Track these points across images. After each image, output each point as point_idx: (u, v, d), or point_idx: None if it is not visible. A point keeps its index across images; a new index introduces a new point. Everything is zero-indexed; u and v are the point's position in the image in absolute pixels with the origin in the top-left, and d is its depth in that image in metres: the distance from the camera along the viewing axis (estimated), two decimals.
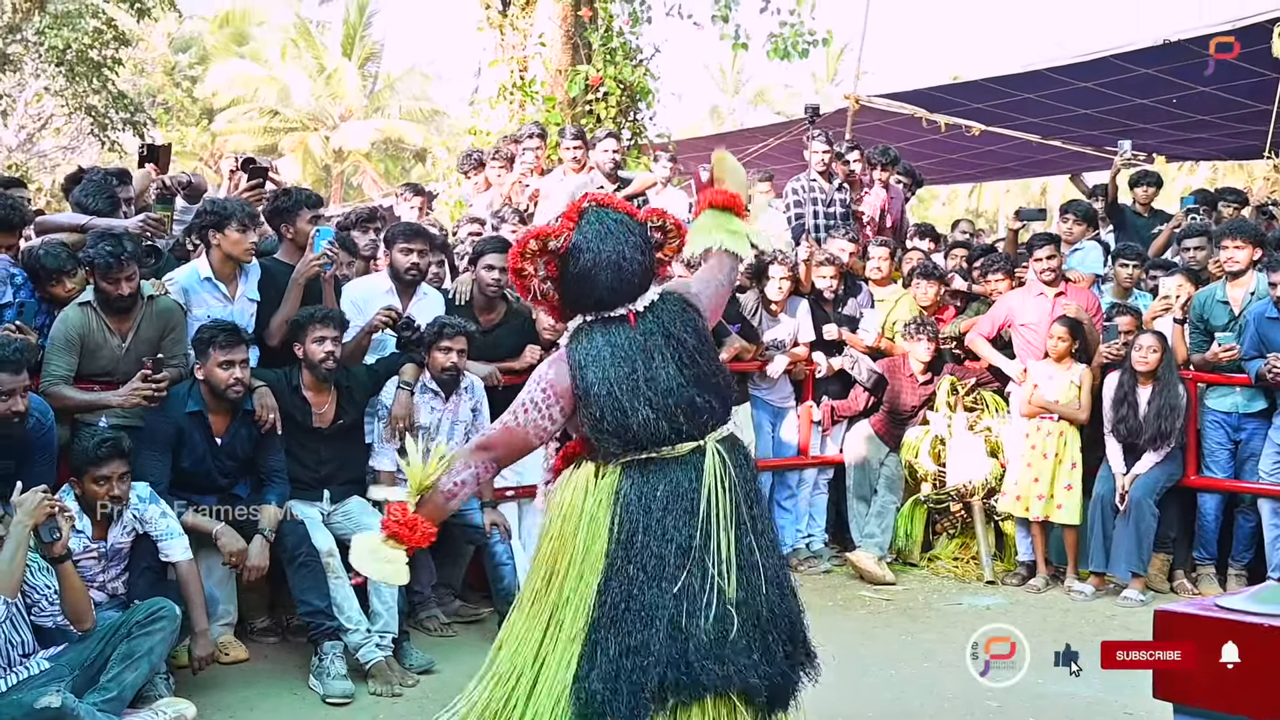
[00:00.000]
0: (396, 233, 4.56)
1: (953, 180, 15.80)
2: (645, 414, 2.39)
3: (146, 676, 3.26)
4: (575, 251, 2.46)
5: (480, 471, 2.54)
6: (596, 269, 2.44)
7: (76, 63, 12.32)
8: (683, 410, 2.43)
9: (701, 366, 2.46)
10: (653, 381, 2.41)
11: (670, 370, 2.43)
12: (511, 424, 2.50)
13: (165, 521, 3.53)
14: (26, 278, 3.92)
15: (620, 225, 2.49)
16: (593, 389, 2.41)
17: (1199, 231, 5.98)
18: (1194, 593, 5.12)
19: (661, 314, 2.49)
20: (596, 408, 2.41)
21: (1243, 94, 8.47)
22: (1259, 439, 5.09)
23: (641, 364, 2.42)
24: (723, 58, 28.34)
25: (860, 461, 5.69)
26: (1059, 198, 18.97)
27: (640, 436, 2.41)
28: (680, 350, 2.45)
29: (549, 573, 2.49)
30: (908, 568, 5.63)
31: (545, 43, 8.12)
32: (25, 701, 2.93)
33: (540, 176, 6.58)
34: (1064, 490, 5.22)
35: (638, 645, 2.31)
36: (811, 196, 6.63)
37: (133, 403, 3.67)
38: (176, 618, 3.34)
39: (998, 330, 5.70)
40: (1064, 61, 8.40)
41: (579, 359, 2.45)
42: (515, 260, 2.50)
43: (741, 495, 2.46)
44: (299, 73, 24.40)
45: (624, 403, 2.40)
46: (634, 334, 2.45)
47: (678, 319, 2.49)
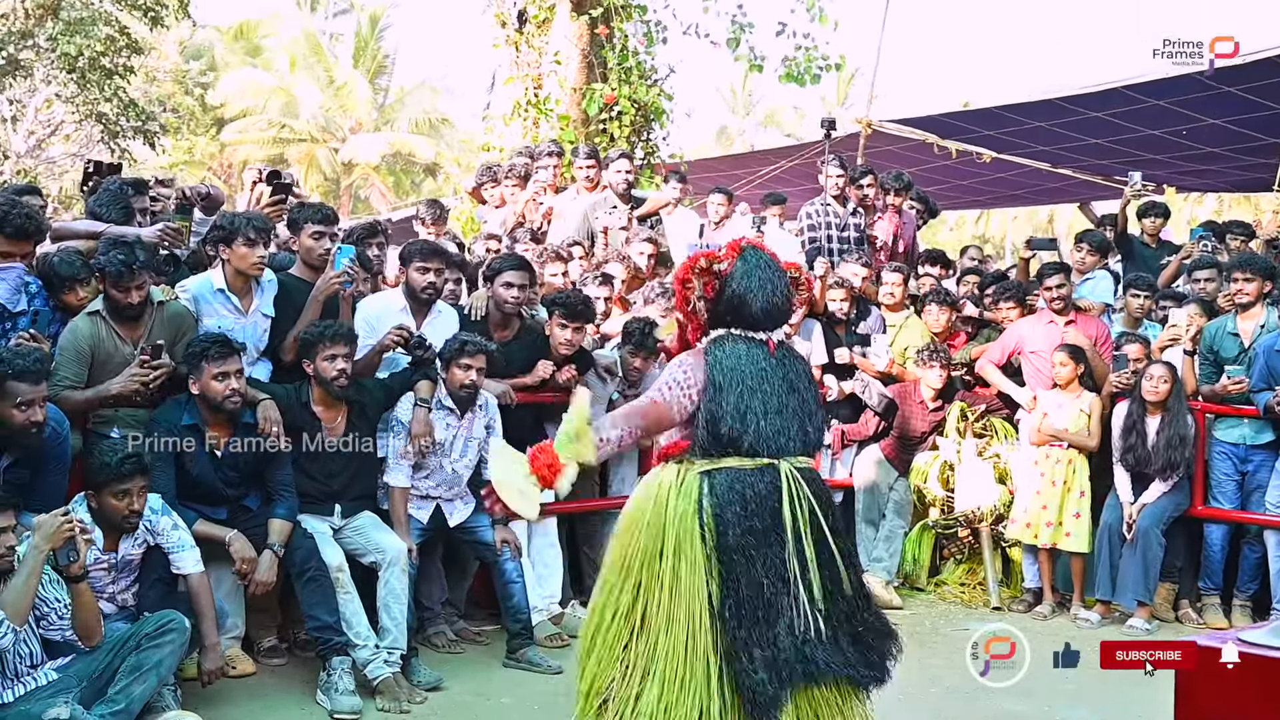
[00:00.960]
0: (414, 251, 4.55)
1: (962, 206, 15.87)
2: (760, 425, 2.64)
3: (154, 689, 3.25)
4: (735, 276, 2.73)
5: (626, 435, 2.71)
6: (752, 294, 2.72)
7: (88, 70, 12.37)
8: (786, 434, 2.68)
9: (810, 405, 2.76)
10: (774, 400, 2.66)
11: (789, 397, 2.69)
12: (659, 399, 2.71)
13: (177, 534, 3.52)
14: (41, 286, 3.91)
15: (773, 264, 2.79)
16: (725, 386, 2.65)
17: (1209, 264, 6.01)
18: (1199, 623, 5.11)
19: (789, 351, 2.82)
20: (721, 404, 2.64)
21: (1252, 127, 8.52)
22: (1266, 471, 5.10)
23: (771, 382, 2.68)
24: (734, 78, 28.55)
25: (869, 485, 5.69)
26: (1067, 226, 19.04)
27: (744, 443, 2.64)
28: (800, 382, 2.74)
29: (626, 558, 2.70)
30: (915, 592, 5.62)
31: (561, 60, 8.18)
32: (33, 713, 2.93)
33: (554, 194, 6.62)
34: (1073, 518, 5.22)
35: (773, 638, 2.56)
36: (826, 220, 6.66)
37: (131, 389, 3.64)
38: (186, 631, 3.34)
39: (1008, 357, 5.72)
40: (1075, 91, 8.45)
41: (718, 357, 2.70)
42: (685, 273, 2.78)
43: (818, 507, 2.67)
44: (309, 84, 24.55)
45: (747, 408, 2.63)
46: (770, 357, 2.72)
47: (800, 359, 2.83)
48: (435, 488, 4.30)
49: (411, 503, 4.22)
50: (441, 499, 4.32)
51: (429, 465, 4.25)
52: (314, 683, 3.80)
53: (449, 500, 4.33)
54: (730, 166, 11.31)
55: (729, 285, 2.73)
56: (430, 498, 4.30)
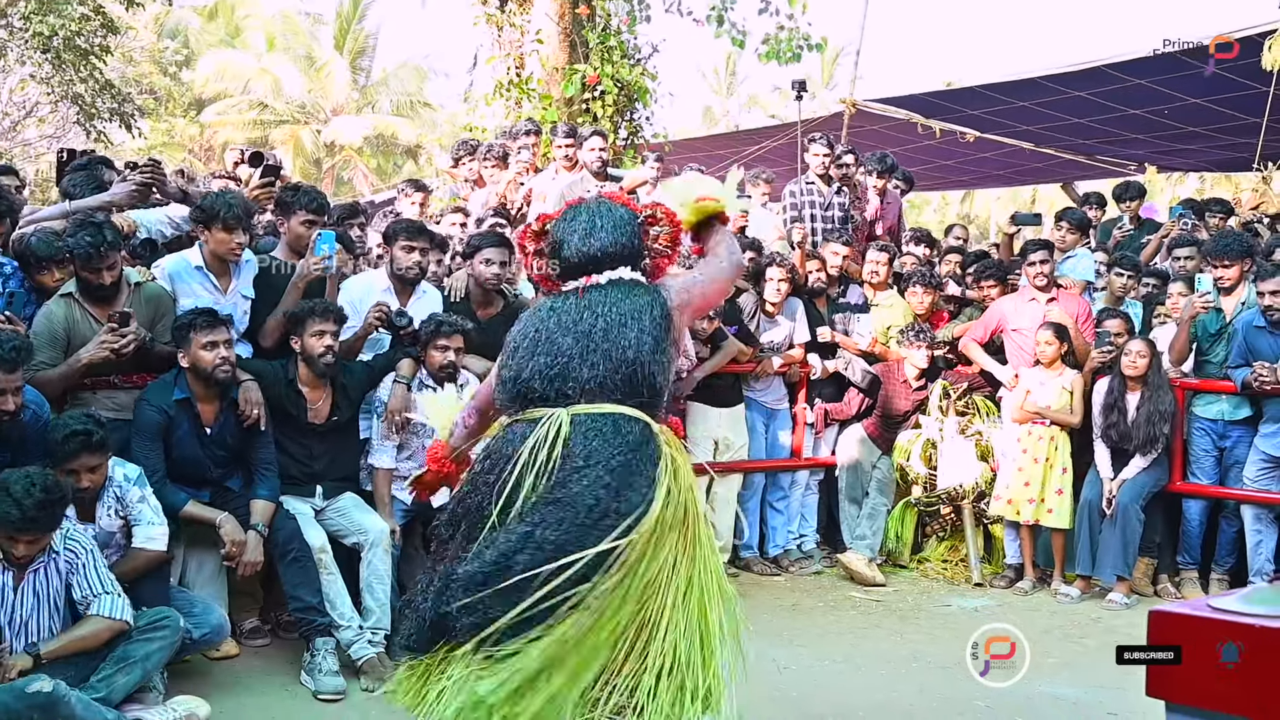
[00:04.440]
0: (398, 230, 4.51)
1: (946, 187, 15.91)
2: (530, 378, 2.48)
3: (138, 683, 3.23)
4: (554, 229, 2.65)
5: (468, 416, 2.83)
6: (566, 239, 2.62)
7: (63, 50, 12.17)
8: (563, 380, 2.47)
9: (611, 344, 2.46)
10: (552, 346, 2.49)
11: (571, 340, 2.48)
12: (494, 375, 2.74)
13: (142, 506, 3.48)
14: (16, 267, 3.87)
15: (601, 205, 2.66)
16: (514, 348, 2.56)
17: (1190, 242, 6.05)
18: (1177, 596, 5.19)
19: (611, 291, 2.55)
20: (507, 366, 2.57)
21: (1233, 106, 8.55)
22: (1244, 446, 5.15)
23: (556, 329, 2.50)
24: (717, 59, 28.45)
25: (852, 464, 5.72)
26: (1050, 205, 19.09)
27: (520, 393, 2.51)
28: (596, 323, 2.49)
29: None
30: (897, 569, 5.67)
31: (543, 40, 8.11)
32: (16, 686, 2.91)
33: (534, 174, 6.58)
34: (1054, 495, 5.27)
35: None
36: (810, 200, 6.65)
37: (100, 356, 3.59)
38: (179, 629, 3.33)
39: (990, 335, 5.75)
40: (1058, 70, 8.46)
41: (521, 320, 2.63)
42: (521, 239, 2.72)
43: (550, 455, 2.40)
44: (290, 65, 24.28)
45: (521, 359, 2.52)
46: (572, 302, 2.55)
47: (624, 300, 2.53)
48: (419, 468, 4.28)
49: (394, 484, 4.21)
50: None
51: (411, 446, 4.24)
52: (298, 664, 3.80)
53: None
54: (714, 146, 11.29)
55: (552, 238, 2.65)
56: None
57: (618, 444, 2.39)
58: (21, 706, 2.86)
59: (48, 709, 2.89)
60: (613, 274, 2.58)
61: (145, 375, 3.87)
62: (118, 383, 3.83)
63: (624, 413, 2.44)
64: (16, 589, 3.11)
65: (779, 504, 5.72)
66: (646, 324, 2.50)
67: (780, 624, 4.67)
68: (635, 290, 2.56)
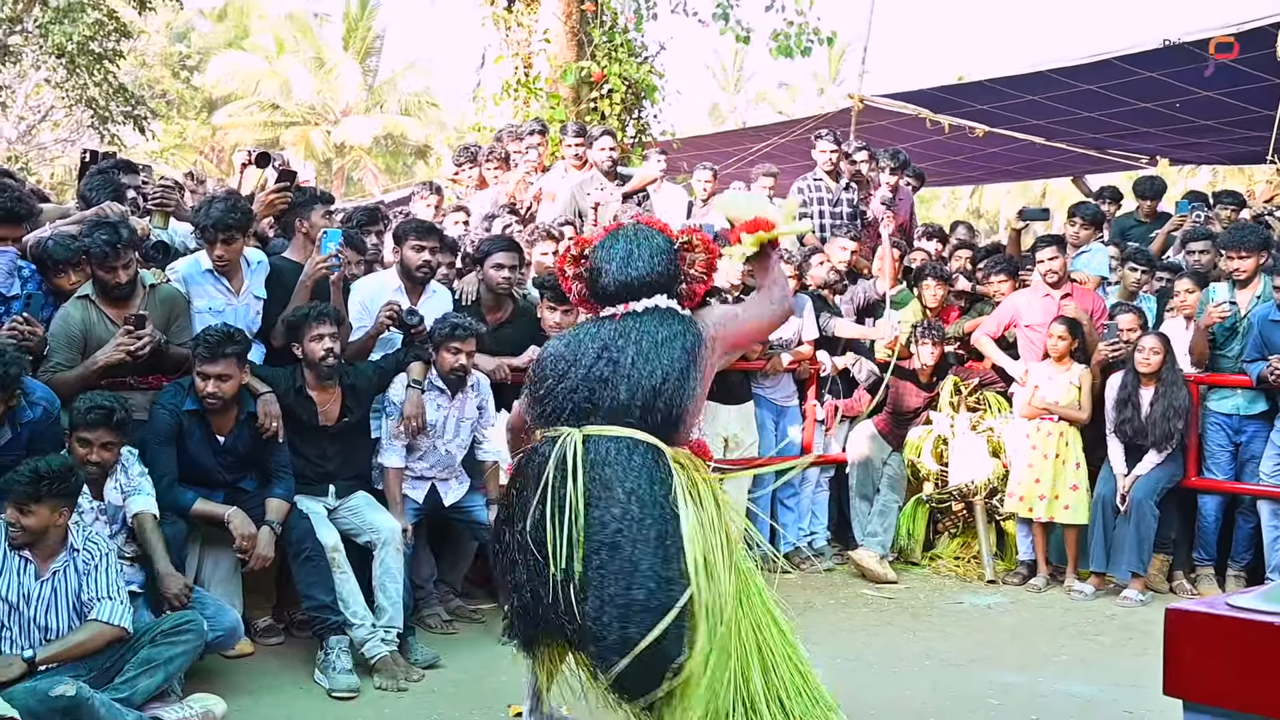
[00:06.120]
0: (408, 229, 4.52)
1: (956, 182, 15.82)
2: (557, 399, 2.61)
3: (161, 685, 3.24)
4: (593, 255, 2.74)
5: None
6: (604, 266, 2.70)
7: (77, 55, 12.27)
8: (589, 402, 2.59)
9: (638, 371, 2.57)
10: (583, 370, 2.60)
11: (603, 365, 2.59)
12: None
13: (142, 479, 3.55)
14: (34, 270, 3.91)
15: (639, 232, 2.73)
16: (541, 363, 2.70)
17: (1203, 235, 6.00)
18: (1193, 593, 5.15)
19: (646, 319, 2.64)
20: (536, 389, 2.68)
21: (1245, 99, 8.48)
22: (1260, 441, 5.12)
23: (588, 353, 2.62)
24: (724, 56, 28.38)
25: (863, 460, 5.71)
26: (1059, 199, 19.01)
27: (549, 413, 2.64)
28: (626, 347, 2.60)
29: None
30: (909, 567, 5.65)
31: (550, 39, 8.12)
32: (40, 689, 2.93)
33: (542, 174, 6.58)
34: (1069, 491, 5.24)
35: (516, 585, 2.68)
36: (818, 196, 6.63)
37: (117, 359, 3.64)
38: (204, 633, 3.35)
39: (1003, 330, 5.72)
40: (1068, 63, 8.40)
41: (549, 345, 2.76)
42: (561, 262, 2.82)
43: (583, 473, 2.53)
44: (299, 67, 24.37)
45: (551, 380, 2.64)
46: (609, 328, 2.65)
47: (658, 328, 2.62)
48: (429, 469, 4.30)
49: (406, 483, 4.23)
50: (436, 479, 4.32)
51: (421, 446, 4.25)
52: (312, 662, 3.82)
53: (444, 480, 4.34)
54: (721, 144, 11.26)
55: (590, 259, 2.75)
56: (425, 478, 4.30)
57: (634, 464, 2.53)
58: (45, 710, 2.88)
59: (71, 712, 2.90)
60: (649, 301, 2.67)
61: (160, 377, 3.91)
62: (133, 383, 3.86)
63: (635, 436, 2.56)
64: (39, 580, 3.14)
65: (789, 501, 5.71)
66: (677, 352, 2.60)
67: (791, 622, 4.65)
68: (670, 319, 2.66)
